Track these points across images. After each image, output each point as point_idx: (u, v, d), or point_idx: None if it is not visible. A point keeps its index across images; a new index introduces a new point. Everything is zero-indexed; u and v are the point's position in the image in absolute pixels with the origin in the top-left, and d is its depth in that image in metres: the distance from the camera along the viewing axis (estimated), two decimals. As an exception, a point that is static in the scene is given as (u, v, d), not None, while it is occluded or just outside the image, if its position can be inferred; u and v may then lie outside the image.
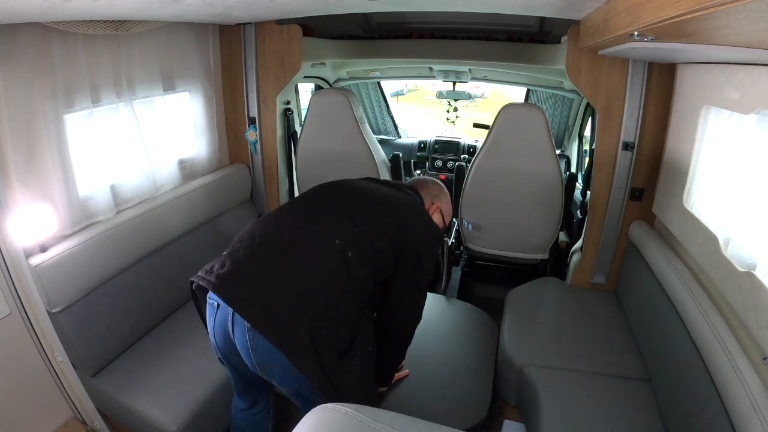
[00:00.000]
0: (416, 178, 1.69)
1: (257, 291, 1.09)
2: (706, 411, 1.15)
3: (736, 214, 1.28)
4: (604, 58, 1.76)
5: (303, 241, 1.19)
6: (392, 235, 1.29)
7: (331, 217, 1.26)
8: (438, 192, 1.58)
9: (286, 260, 1.15)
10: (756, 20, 0.57)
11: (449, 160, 3.47)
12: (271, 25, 2.05)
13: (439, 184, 1.61)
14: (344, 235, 1.22)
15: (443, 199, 1.58)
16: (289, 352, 1.05)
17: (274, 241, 1.19)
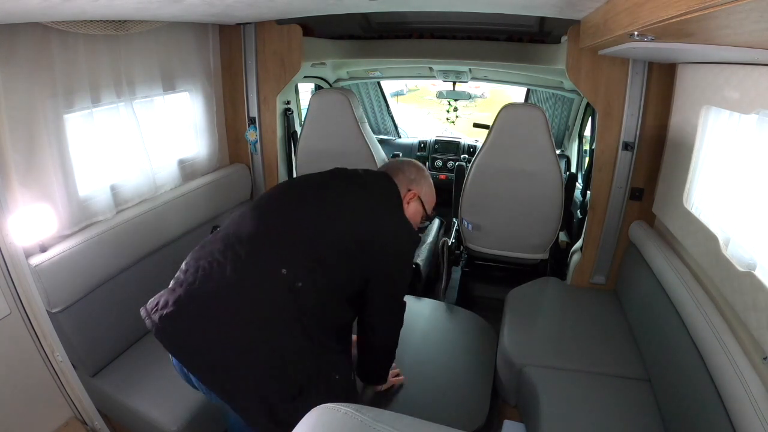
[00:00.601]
0: (391, 161, 1.52)
1: (198, 340, 1.01)
2: (706, 411, 1.15)
3: (736, 214, 1.28)
4: (604, 58, 1.76)
5: (246, 277, 1.06)
6: (355, 251, 1.15)
7: (278, 241, 1.12)
8: (416, 176, 1.39)
9: (226, 304, 1.03)
10: (756, 20, 0.57)
11: (449, 160, 3.47)
12: (271, 25, 2.05)
13: (417, 166, 1.43)
14: (293, 261, 1.09)
15: (422, 184, 1.40)
16: (238, 406, 1.03)
17: (216, 277, 1.06)
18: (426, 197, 1.42)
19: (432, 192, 1.44)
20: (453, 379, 1.73)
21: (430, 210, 1.44)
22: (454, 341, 1.98)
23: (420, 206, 1.40)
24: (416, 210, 1.39)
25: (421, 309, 2.19)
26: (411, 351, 1.88)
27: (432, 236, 2.97)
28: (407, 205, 1.35)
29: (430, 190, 1.43)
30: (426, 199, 1.42)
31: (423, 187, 1.40)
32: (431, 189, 1.44)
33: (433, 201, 1.45)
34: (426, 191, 1.41)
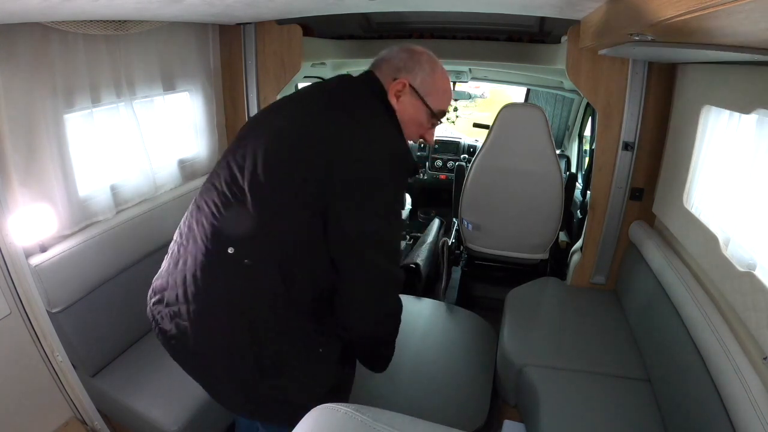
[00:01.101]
0: (381, 53, 1.09)
1: (175, 329, 1.01)
2: (706, 411, 1.15)
3: (736, 214, 1.28)
4: (604, 58, 1.76)
5: (202, 264, 0.96)
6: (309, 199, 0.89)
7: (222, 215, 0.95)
8: (406, 62, 1.01)
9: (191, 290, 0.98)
10: (756, 20, 0.57)
11: (449, 160, 3.48)
12: (271, 25, 2.05)
13: (410, 50, 1.04)
14: (239, 234, 0.93)
15: (416, 70, 1.01)
16: (214, 392, 1.07)
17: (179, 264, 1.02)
18: (425, 86, 1.01)
19: (438, 81, 1.04)
20: (453, 379, 1.73)
21: (438, 105, 1.04)
22: (454, 341, 1.98)
23: (418, 101, 1.01)
24: (413, 108, 1.02)
25: (421, 309, 2.19)
26: (411, 351, 1.88)
27: (432, 236, 2.97)
28: (396, 102, 1.00)
29: (432, 77, 1.02)
30: (426, 90, 1.02)
31: (417, 73, 1.01)
32: (436, 76, 1.03)
33: (444, 94, 1.06)
34: (424, 79, 1.01)
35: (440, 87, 1.06)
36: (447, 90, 1.09)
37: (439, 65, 1.06)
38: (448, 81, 1.09)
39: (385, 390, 1.65)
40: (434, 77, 1.04)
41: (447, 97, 1.09)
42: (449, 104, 1.11)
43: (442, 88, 1.07)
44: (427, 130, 1.09)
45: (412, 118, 1.04)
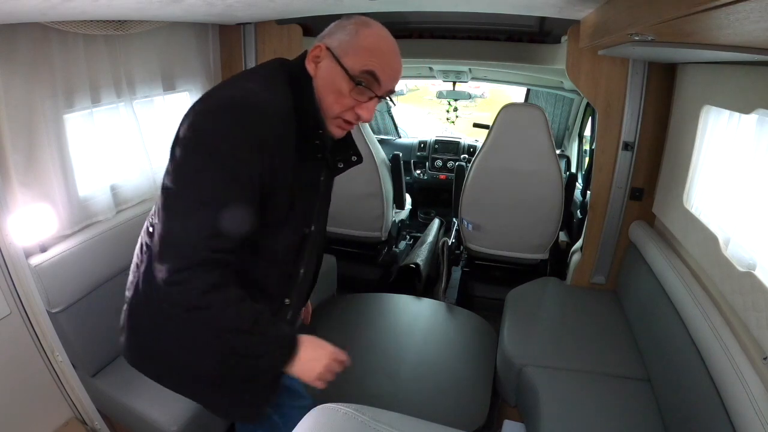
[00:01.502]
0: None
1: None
2: (706, 411, 1.15)
3: (736, 214, 1.28)
4: (604, 58, 1.76)
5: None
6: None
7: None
8: (331, 29, 0.92)
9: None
10: (756, 20, 0.57)
11: (449, 160, 3.48)
12: (271, 25, 2.05)
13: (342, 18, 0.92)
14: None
15: (336, 35, 0.89)
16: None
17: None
18: (343, 46, 0.88)
19: (363, 39, 0.88)
20: (453, 379, 1.73)
21: (358, 65, 0.87)
22: (454, 341, 1.98)
23: (334, 63, 0.87)
24: (328, 72, 0.89)
25: (421, 309, 2.19)
26: (411, 351, 1.88)
27: (432, 236, 2.97)
28: (314, 68, 0.90)
29: (354, 37, 0.88)
30: (343, 49, 0.87)
31: (337, 36, 0.89)
32: (360, 36, 0.88)
33: (369, 53, 0.88)
34: (343, 39, 0.88)
35: (363, 45, 0.87)
36: (375, 49, 0.87)
37: (370, 27, 0.89)
38: (380, 40, 0.89)
39: (385, 390, 1.65)
40: (357, 37, 0.87)
41: (374, 57, 0.87)
42: (388, 68, 0.89)
43: (365, 46, 0.87)
44: (350, 100, 0.89)
45: (327, 85, 0.89)
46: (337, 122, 0.93)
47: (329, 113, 0.91)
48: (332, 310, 2.13)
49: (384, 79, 0.89)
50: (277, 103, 0.86)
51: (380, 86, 0.90)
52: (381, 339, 1.95)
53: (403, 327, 2.07)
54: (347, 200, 2.42)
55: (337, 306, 2.18)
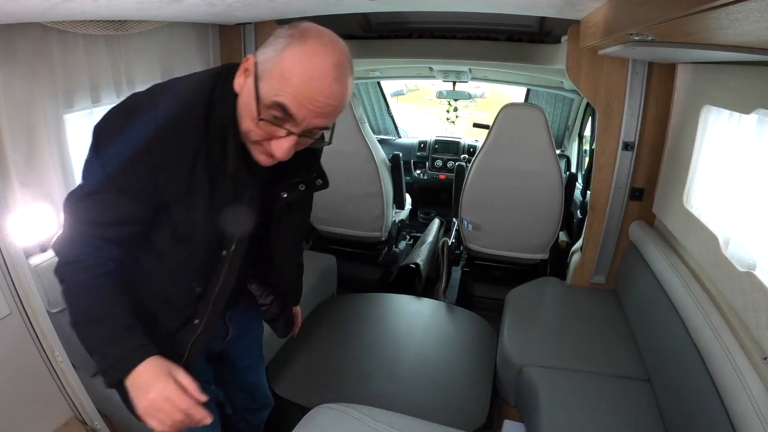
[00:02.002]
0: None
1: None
2: (706, 411, 1.15)
3: (736, 214, 1.28)
4: (604, 58, 1.76)
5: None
6: None
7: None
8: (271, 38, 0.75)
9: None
10: (756, 20, 0.57)
11: (449, 160, 3.48)
12: (271, 25, 2.05)
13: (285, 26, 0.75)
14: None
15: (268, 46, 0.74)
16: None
17: None
18: (264, 65, 0.72)
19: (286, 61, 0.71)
20: (453, 379, 1.73)
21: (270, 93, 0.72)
22: (454, 341, 1.98)
23: (253, 85, 0.73)
24: (248, 93, 0.74)
25: (421, 309, 2.20)
26: (411, 351, 1.88)
27: (432, 236, 2.98)
28: (242, 83, 0.77)
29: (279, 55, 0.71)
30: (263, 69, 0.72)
31: (268, 48, 0.73)
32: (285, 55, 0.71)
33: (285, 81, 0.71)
34: (268, 57, 0.72)
35: (282, 68, 0.70)
36: (292, 75, 0.70)
37: (302, 44, 0.70)
38: (305, 65, 0.69)
39: (385, 390, 1.65)
40: (281, 55, 0.70)
41: (289, 86, 0.70)
42: (307, 102, 0.71)
43: (282, 71, 0.70)
44: (263, 132, 0.75)
45: (244, 107, 0.77)
46: (260, 149, 0.80)
47: (247, 138, 0.79)
48: (332, 310, 2.13)
49: (300, 115, 0.72)
50: (183, 111, 0.78)
51: (296, 123, 0.73)
52: (381, 339, 1.95)
53: (403, 327, 2.07)
54: (347, 200, 2.42)
55: (337, 306, 2.18)
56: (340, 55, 0.73)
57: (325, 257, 2.36)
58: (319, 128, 0.77)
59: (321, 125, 0.76)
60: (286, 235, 1.02)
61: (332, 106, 0.74)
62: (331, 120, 0.77)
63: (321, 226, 2.59)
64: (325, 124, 0.77)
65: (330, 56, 0.71)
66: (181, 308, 0.93)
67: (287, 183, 0.93)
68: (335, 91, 0.72)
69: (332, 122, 0.79)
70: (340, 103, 0.75)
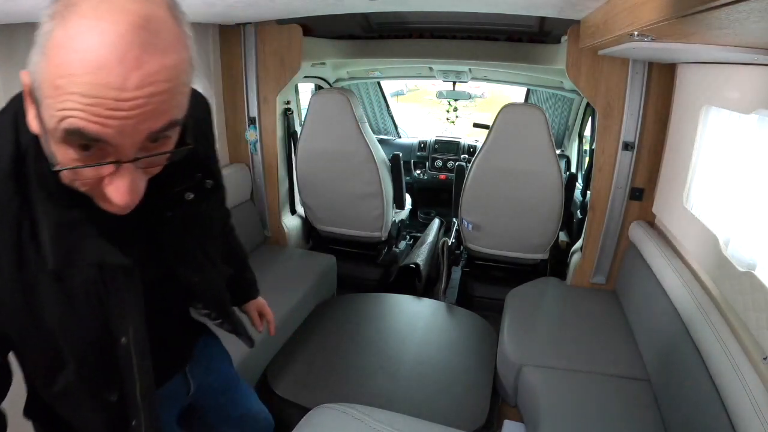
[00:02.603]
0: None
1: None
2: (706, 411, 1.15)
3: (736, 214, 1.28)
4: (604, 58, 1.76)
5: None
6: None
7: None
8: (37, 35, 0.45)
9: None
10: (756, 20, 0.57)
11: (449, 160, 3.48)
12: (271, 25, 2.05)
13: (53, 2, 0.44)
14: None
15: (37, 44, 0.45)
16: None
17: None
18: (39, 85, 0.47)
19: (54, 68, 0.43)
20: (453, 379, 1.73)
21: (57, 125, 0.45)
22: (454, 341, 1.98)
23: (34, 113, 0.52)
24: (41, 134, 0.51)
25: (421, 309, 2.20)
26: (411, 351, 1.88)
27: (432, 236, 2.98)
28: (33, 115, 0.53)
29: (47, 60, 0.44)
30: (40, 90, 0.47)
31: (34, 52, 0.46)
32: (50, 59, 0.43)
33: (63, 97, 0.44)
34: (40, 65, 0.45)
35: (55, 74, 0.44)
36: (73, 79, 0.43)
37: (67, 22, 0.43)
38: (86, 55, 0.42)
39: (385, 390, 1.65)
40: (48, 53, 0.44)
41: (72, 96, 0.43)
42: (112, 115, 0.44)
43: (57, 78, 0.44)
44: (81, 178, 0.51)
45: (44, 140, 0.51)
46: (100, 196, 0.53)
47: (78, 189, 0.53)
48: (332, 310, 2.13)
49: (110, 133, 0.45)
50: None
51: (114, 146, 0.47)
52: (381, 339, 1.95)
53: (403, 327, 2.07)
54: (347, 200, 2.42)
55: (337, 306, 2.18)
56: (134, 10, 0.43)
57: (325, 257, 2.36)
58: (158, 133, 0.48)
59: (157, 128, 0.48)
60: (194, 258, 0.76)
61: (155, 94, 0.45)
62: (169, 114, 0.48)
63: (321, 226, 2.59)
64: (163, 125, 0.48)
65: (113, 23, 0.42)
66: (108, 422, 0.70)
67: (167, 198, 0.67)
68: (147, 70, 0.44)
69: (176, 114, 0.49)
70: (169, 81, 0.46)
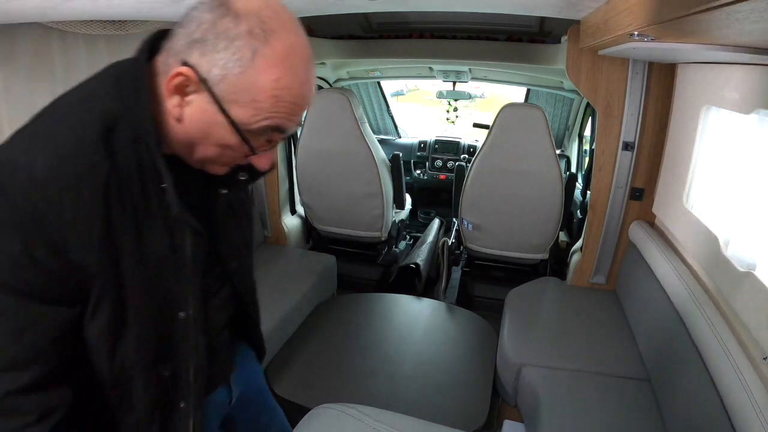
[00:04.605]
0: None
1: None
2: (705, 411, 1.15)
3: (736, 214, 1.28)
4: (604, 58, 1.76)
5: None
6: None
7: None
8: (206, 31, 0.56)
9: None
10: (756, 20, 0.57)
11: (449, 160, 3.48)
12: (271, 25, 2.05)
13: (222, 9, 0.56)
14: None
15: (217, 51, 0.56)
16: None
17: None
18: (230, 89, 0.57)
19: (262, 82, 0.57)
20: (453, 379, 1.73)
21: (259, 123, 0.59)
22: (454, 341, 1.98)
23: (216, 112, 0.58)
24: (207, 119, 0.59)
25: (421, 309, 2.20)
26: (411, 351, 1.88)
27: (432, 236, 2.98)
28: (178, 104, 0.60)
29: (250, 73, 0.56)
30: (229, 93, 0.57)
31: (215, 55, 0.56)
32: (257, 74, 0.56)
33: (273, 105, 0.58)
34: (235, 74, 0.56)
35: (264, 86, 0.56)
36: (283, 90, 0.57)
37: (272, 42, 0.55)
38: (290, 72, 0.57)
39: (385, 390, 1.65)
40: (254, 68, 0.55)
41: (281, 104, 0.58)
42: (300, 110, 0.61)
43: (268, 90, 0.57)
44: (240, 154, 0.64)
45: (203, 135, 0.62)
46: (221, 167, 0.68)
47: (199, 162, 0.66)
48: (332, 310, 2.13)
49: (291, 126, 0.63)
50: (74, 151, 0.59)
51: (284, 134, 0.65)
52: (381, 339, 1.95)
53: (403, 327, 2.07)
54: (347, 200, 2.42)
55: (337, 306, 2.18)
56: (304, 36, 0.60)
57: (325, 257, 2.36)
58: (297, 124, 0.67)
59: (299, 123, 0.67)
60: (235, 241, 0.82)
61: (310, 102, 0.65)
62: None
63: (321, 226, 2.59)
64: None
65: (303, 48, 0.59)
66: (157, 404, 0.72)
67: (225, 176, 0.72)
68: (314, 86, 0.65)
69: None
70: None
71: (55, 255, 0.57)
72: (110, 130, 0.60)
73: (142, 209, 0.62)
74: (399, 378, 1.72)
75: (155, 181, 0.62)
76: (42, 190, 0.55)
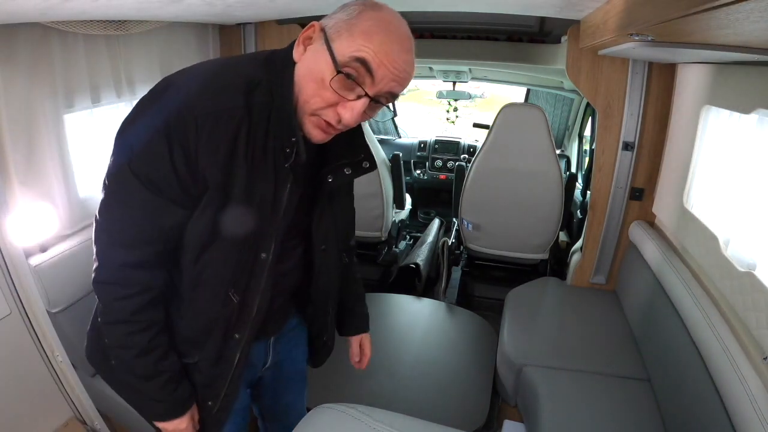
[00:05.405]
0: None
1: None
2: (706, 411, 1.15)
3: (736, 214, 1.28)
4: (604, 58, 1.76)
5: None
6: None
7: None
8: (337, 9, 0.74)
9: None
10: (756, 20, 0.57)
11: (449, 160, 3.48)
12: (271, 25, 2.05)
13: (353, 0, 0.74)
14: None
15: (337, 15, 0.73)
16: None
17: None
18: (338, 27, 0.71)
19: (363, 20, 0.70)
20: (453, 379, 1.73)
21: (348, 49, 0.69)
22: (454, 341, 1.98)
23: (323, 46, 0.71)
24: (313, 57, 0.73)
25: (421, 309, 2.20)
26: (411, 351, 1.88)
27: (432, 236, 2.98)
28: (302, 52, 0.75)
29: (356, 18, 0.71)
30: (337, 30, 0.71)
31: (336, 16, 0.73)
32: (362, 16, 0.71)
33: (366, 36, 0.69)
34: (341, 19, 0.71)
35: (361, 27, 0.70)
36: (374, 33, 0.69)
37: (377, 10, 0.72)
38: (385, 25, 0.71)
39: (385, 390, 1.65)
40: (358, 17, 0.70)
41: (371, 42, 0.69)
42: (387, 61, 0.70)
43: (363, 29, 0.69)
44: (332, 95, 0.71)
45: (309, 71, 0.73)
46: (316, 121, 0.75)
47: (306, 108, 0.74)
48: (332, 310, 2.13)
49: (379, 74, 0.70)
50: (222, 92, 0.72)
51: (373, 82, 0.71)
52: (381, 339, 1.95)
53: (403, 327, 2.07)
54: (347, 200, 2.42)
55: (337, 306, 2.18)
56: (405, 28, 0.75)
57: None
58: (391, 94, 0.75)
59: (395, 90, 0.75)
60: (328, 228, 0.93)
61: (406, 72, 0.75)
62: (402, 87, 0.77)
63: (321, 226, 2.58)
64: (398, 91, 0.77)
65: (404, 25, 0.75)
66: (218, 322, 0.85)
67: (332, 166, 0.86)
68: (410, 58, 0.75)
69: (399, 91, 0.78)
70: (411, 73, 0.77)
71: (188, 162, 0.71)
72: (251, 90, 0.73)
73: (260, 153, 0.75)
74: (399, 378, 1.72)
75: (278, 137, 0.75)
76: (192, 110, 0.70)
